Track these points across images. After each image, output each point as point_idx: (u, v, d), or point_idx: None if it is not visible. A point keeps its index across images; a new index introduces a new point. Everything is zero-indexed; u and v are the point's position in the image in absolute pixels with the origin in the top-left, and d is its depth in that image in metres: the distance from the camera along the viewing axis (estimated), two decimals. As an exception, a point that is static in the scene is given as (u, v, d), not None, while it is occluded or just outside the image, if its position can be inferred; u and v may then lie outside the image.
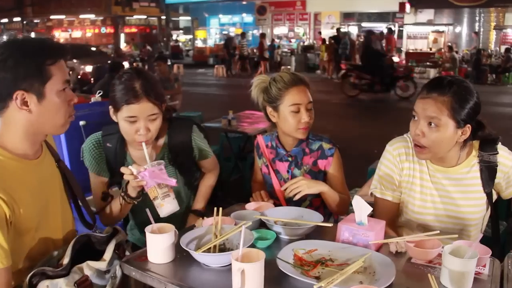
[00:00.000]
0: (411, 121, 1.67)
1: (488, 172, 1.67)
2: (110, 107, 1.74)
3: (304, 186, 1.80)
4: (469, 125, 1.60)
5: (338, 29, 16.55)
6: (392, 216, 1.81)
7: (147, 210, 1.50)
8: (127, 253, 1.51)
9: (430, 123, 1.59)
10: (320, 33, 16.36)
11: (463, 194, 1.70)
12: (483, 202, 1.71)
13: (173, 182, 1.57)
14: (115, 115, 1.73)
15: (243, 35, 17.77)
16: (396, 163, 1.77)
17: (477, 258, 1.27)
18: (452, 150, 1.65)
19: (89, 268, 1.37)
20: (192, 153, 1.95)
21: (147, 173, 1.56)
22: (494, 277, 1.36)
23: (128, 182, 1.63)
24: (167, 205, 1.58)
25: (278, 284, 1.30)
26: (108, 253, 1.41)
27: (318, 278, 1.30)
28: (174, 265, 1.42)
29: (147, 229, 1.44)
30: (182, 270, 1.39)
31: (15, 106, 1.31)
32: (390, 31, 15.15)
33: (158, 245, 1.41)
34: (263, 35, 17.28)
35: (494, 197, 1.74)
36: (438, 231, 1.49)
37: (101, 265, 1.38)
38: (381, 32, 15.49)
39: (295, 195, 1.81)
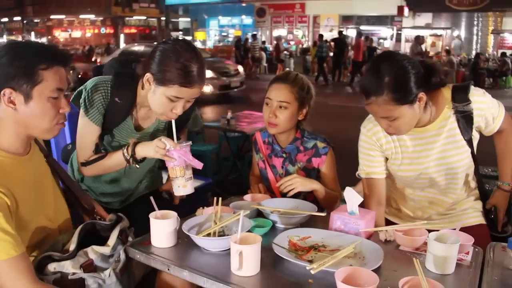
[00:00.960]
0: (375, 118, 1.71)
1: (465, 120, 1.69)
2: (149, 75, 1.65)
3: (298, 183, 1.90)
4: (420, 94, 1.58)
5: (340, 32, 16.63)
6: (380, 195, 1.87)
7: (151, 198, 1.58)
8: (130, 238, 1.57)
9: (394, 119, 1.60)
10: (321, 35, 16.46)
11: (446, 146, 1.75)
12: (467, 150, 1.75)
13: (200, 165, 1.65)
14: (153, 85, 1.65)
15: (254, 36, 17.56)
16: (373, 142, 1.83)
17: (459, 244, 1.37)
18: (425, 113, 1.69)
19: (94, 252, 1.43)
20: (186, 123, 1.98)
21: (181, 153, 1.62)
22: (476, 264, 1.45)
23: (135, 143, 1.69)
24: (189, 188, 1.68)
25: (274, 267, 1.40)
26: (112, 239, 1.47)
27: (311, 262, 1.39)
28: (176, 249, 1.51)
29: (151, 215, 1.53)
30: (183, 254, 1.48)
31: (2, 102, 1.35)
32: (359, 35, 15.37)
33: (161, 230, 1.50)
34: (279, 38, 17.18)
35: (476, 141, 1.78)
36: (426, 222, 1.58)
37: (106, 250, 1.45)
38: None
39: (289, 191, 1.91)
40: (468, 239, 1.50)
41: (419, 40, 13.14)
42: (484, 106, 1.71)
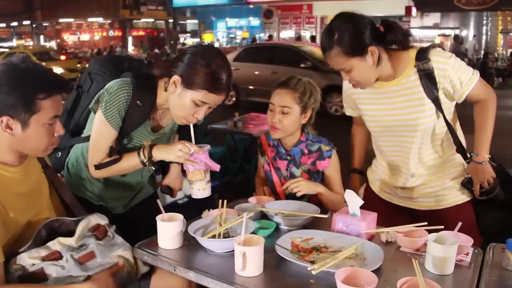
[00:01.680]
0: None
1: (427, 78, 1.76)
2: (177, 77, 1.63)
3: (303, 186, 1.94)
4: (370, 48, 1.70)
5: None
6: (364, 130, 2.14)
7: (158, 201, 1.63)
8: (110, 234, 1.53)
9: (348, 71, 1.75)
10: (313, 36, 16.44)
11: (407, 102, 1.82)
12: (431, 108, 1.80)
13: (217, 167, 1.69)
14: (180, 88, 1.64)
15: (270, 37, 17.35)
16: (347, 95, 2.05)
17: (458, 245, 1.40)
18: (382, 68, 1.77)
19: (59, 244, 1.42)
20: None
21: (204, 156, 1.66)
22: (475, 264, 1.48)
23: (151, 146, 1.68)
24: (207, 191, 1.73)
25: (277, 267, 1.44)
26: (78, 231, 1.45)
27: (313, 263, 1.43)
28: (182, 251, 1.56)
29: (158, 218, 1.58)
30: (189, 255, 1.53)
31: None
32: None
33: (168, 232, 1.55)
34: (298, 38, 16.77)
35: (447, 104, 1.83)
36: (426, 223, 1.61)
37: (71, 241, 1.43)
38: None
39: (295, 193, 1.95)
40: (468, 240, 1.53)
41: (458, 39, 12.95)
42: (447, 67, 1.75)
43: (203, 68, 1.60)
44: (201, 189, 1.71)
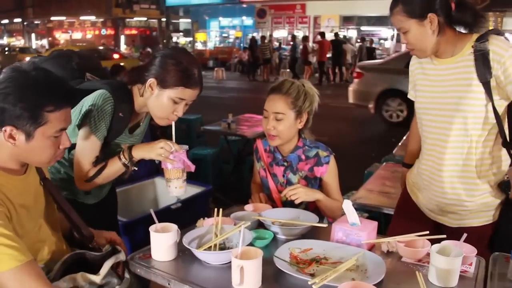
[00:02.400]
0: None
1: (482, 60, 1.69)
2: (153, 80, 1.69)
3: (301, 193, 1.88)
4: (430, 15, 1.69)
5: (336, 34, 16.66)
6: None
7: (152, 210, 1.57)
8: (127, 275, 1.48)
9: (405, 32, 1.75)
10: (294, 36, 16.52)
11: (457, 81, 1.76)
12: (478, 91, 1.71)
13: (193, 167, 1.72)
14: (157, 90, 1.70)
15: (262, 38, 17.14)
16: (411, 73, 2.00)
17: (462, 256, 1.36)
18: (442, 42, 1.75)
19: (83, 279, 1.37)
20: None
21: (183, 155, 1.69)
22: (479, 275, 1.44)
23: (130, 147, 1.73)
24: (183, 189, 1.75)
25: (275, 280, 1.38)
26: (104, 269, 1.40)
27: (312, 275, 1.38)
28: (177, 263, 1.50)
29: (151, 228, 1.52)
30: (184, 267, 1.47)
31: (2, 136, 1.33)
32: (323, 35, 15.44)
33: (162, 243, 1.49)
34: (305, 38, 16.47)
35: (497, 97, 1.71)
36: (427, 232, 1.57)
37: (96, 278, 1.38)
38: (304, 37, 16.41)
39: (292, 200, 1.89)
40: (471, 251, 1.49)
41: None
42: (505, 53, 1.67)
43: (175, 66, 1.69)
44: (178, 187, 1.73)
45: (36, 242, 1.44)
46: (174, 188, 1.73)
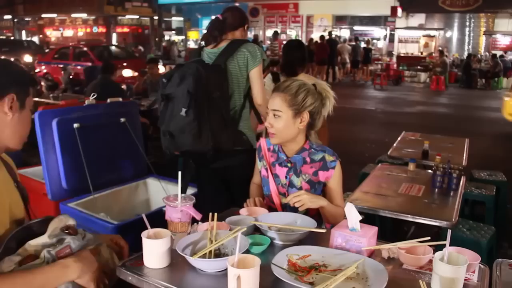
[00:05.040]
0: None
1: None
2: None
3: (306, 200, 1.82)
4: None
5: (329, 33, 16.63)
6: None
7: (143, 215, 1.51)
8: (81, 232, 1.48)
9: None
10: (276, 32, 16.45)
11: None
12: None
13: (199, 216, 1.64)
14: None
15: (275, 34, 16.47)
16: None
17: (467, 264, 1.31)
18: None
19: (32, 245, 1.36)
20: None
21: (190, 210, 1.63)
22: (483, 283, 1.39)
23: None
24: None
25: (273, 289, 1.33)
26: (50, 229, 1.40)
27: (312, 284, 1.32)
28: (170, 270, 1.43)
29: (143, 234, 1.45)
30: (178, 275, 1.41)
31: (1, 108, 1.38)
32: (322, 38, 15.41)
33: (154, 250, 1.43)
34: (275, 34, 16.03)
35: None
36: (429, 238, 1.52)
37: (43, 239, 1.37)
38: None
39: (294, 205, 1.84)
40: (475, 258, 1.45)
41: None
42: None
43: None
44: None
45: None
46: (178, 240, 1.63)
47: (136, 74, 10.22)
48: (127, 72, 10.42)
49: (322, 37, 15.66)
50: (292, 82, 1.95)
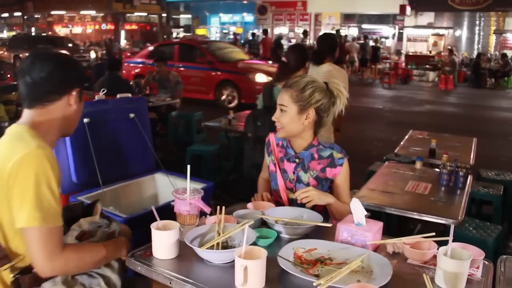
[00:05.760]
0: None
1: None
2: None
3: (314, 196, 1.84)
4: None
5: (337, 30, 16.60)
6: None
7: (153, 207, 1.54)
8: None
9: None
10: (254, 33, 16.40)
11: None
12: None
13: (208, 210, 1.67)
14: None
15: (305, 33, 16.21)
16: None
17: (471, 260, 1.33)
18: None
19: (86, 221, 1.58)
20: None
21: (199, 202, 1.66)
22: (486, 279, 1.41)
23: None
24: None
25: (279, 281, 1.35)
26: (98, 209, 1.66)
27: (317, 276, 1.35)
28: (179, 261, 1.47)
29: (153, 225, 1.49)
30: (186, 266, 1.44)
31: (65, 101, 1.52)
32: (265, 32, 15.33)
33: (163, 241, 1.46)
34: (336, 32, 15.65)
35: None
36: (434, 233, 1.54)
37: (95, 218, 1.61)
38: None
39: (305, 203, 1.86)
40: (479, 253, 1.46)
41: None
42: None
43: None
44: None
45: None
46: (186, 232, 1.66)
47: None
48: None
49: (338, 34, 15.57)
50: (301, 78, 1.96)
